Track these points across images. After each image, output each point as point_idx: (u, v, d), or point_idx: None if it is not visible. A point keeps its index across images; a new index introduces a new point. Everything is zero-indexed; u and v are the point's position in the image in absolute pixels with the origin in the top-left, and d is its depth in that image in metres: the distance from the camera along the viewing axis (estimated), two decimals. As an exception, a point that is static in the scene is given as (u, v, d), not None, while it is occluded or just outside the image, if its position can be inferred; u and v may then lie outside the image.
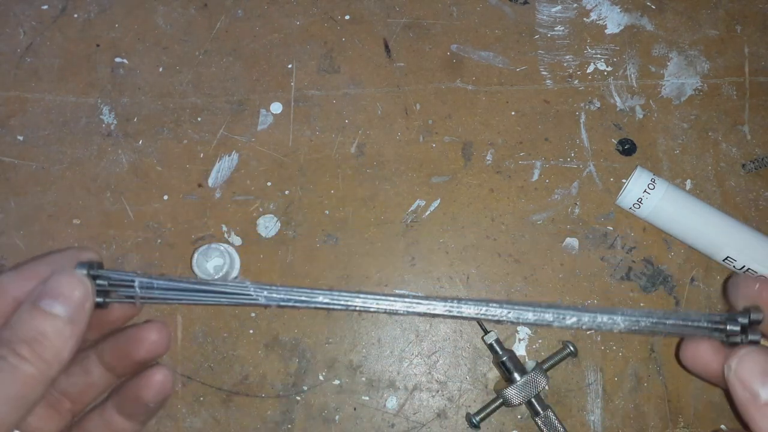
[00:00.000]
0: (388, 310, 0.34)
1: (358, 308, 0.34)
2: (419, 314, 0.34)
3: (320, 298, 0.33)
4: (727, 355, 0.32)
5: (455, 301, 0.34)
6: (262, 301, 0.32)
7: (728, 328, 0.34)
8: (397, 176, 0.54)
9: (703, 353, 0.35)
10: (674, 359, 0.51)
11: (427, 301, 0.34)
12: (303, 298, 0.33)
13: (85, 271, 0.30)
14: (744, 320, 0.33)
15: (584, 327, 0.33)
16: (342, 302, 0.33)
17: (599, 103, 0.56)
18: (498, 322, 0.34)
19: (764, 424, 0.29)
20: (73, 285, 0.28)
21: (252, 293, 0.32)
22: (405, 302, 0.34)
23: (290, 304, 0.33)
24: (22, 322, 0.27)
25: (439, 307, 0.34)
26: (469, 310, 0.34)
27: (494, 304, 0.34)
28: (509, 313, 0.33)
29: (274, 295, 0.33)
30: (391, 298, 0.34)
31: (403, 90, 0.56)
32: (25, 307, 0.27)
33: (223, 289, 0.32)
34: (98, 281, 0.30)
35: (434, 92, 0.56)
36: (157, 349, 0.32)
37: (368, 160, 0.55)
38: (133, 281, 0.31)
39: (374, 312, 0.34)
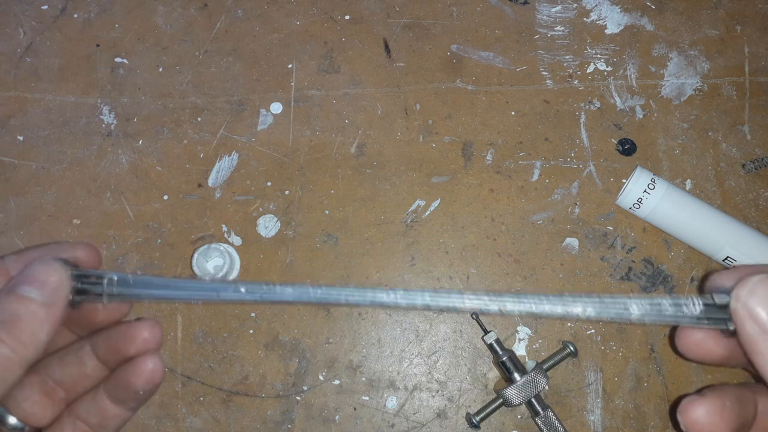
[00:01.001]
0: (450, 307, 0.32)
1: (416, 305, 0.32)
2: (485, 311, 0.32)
3: (381, 296, 0.32)
4: (737, 278, 0.29)
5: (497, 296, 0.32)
6: (235, 296, 0.32)
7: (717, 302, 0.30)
8: (397, 176, 0.54)
9: (701, 339, 0.32)
10: (674, 359, 0.51)
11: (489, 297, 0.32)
12: (362, 297, 0.32)
13: (62, 263, 0.31)
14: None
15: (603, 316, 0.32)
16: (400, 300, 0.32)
17: (599, 103, 0.56)
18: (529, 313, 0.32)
19: None
20: (48, 272, 0.30)
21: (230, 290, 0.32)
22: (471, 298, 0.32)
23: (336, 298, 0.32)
24: (2, 303, 0.28)
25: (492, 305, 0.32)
26: (514, 306, 0.32)
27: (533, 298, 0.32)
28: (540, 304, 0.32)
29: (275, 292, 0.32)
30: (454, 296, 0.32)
31: (403, 90, 0.56)
32: (2, 293, 0.29)
33: (197, 284, 0.33)
34: (75, 283, 0.32)
35: (434, 92, 0.56)
36: (149, 346, 0.33)
37: (368, 160, 0.55)
38: (103, 277, 0.32)
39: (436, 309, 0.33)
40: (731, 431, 0.29)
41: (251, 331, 0.51)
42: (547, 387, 0.50)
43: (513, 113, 0.56)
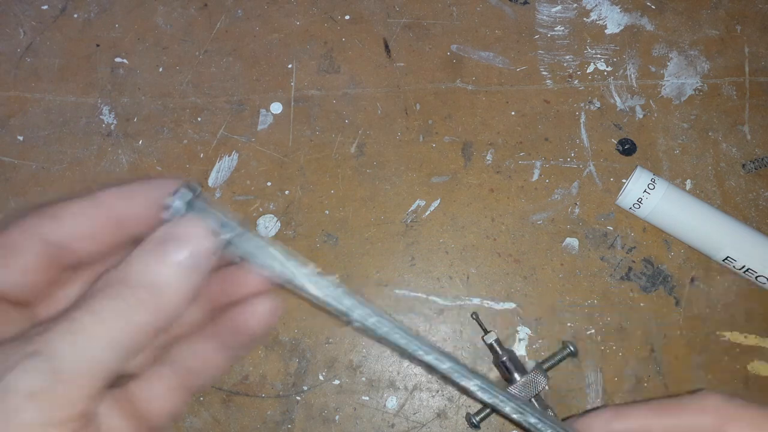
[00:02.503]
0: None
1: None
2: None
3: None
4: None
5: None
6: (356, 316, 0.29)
7: None
8: (397, 176, 0.54)
9: None
10: (674, 359, 0.51)
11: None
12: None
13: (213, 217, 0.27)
14: None
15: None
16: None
17: (599, 103, 0.56)
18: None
19: None
20: (200, 232, 0.26)
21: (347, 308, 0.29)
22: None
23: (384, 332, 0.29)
24: (142, 264, 0.25)
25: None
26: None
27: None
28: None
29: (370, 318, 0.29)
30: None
31: (403, 90, 0.56)
32: (147, 247, 0.25)
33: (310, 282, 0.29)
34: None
35: (434, 92, 0.56)
36: (260, 288, 0.30)
37: (368, 160, 0.55)
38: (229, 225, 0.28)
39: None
40: None
41: (251, 331, 0.51)
42: (547, 387, 0.50)
43: (513, 113, 0.56)
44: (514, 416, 0.32)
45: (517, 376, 0.47)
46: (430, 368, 0.30)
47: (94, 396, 0.22)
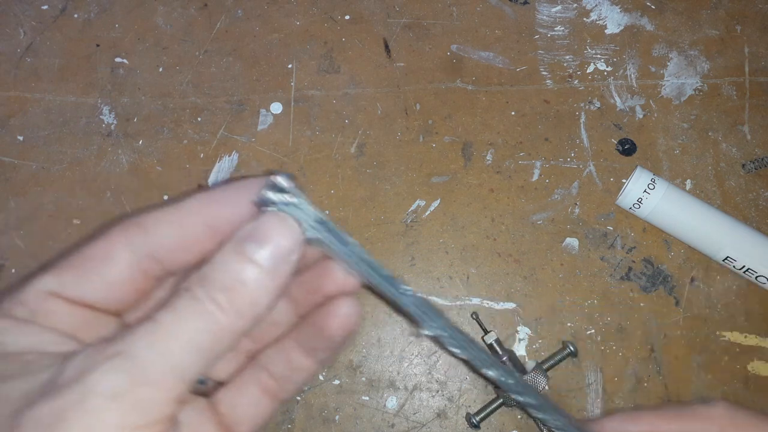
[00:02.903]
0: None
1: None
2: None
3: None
4: None
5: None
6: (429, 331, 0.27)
7: None
8: (397, 176, 0.54)
9: None
10: (674, 359, 0.51)
11: None
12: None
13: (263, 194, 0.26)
14: None
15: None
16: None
17: (599, 103, 0.56)
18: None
19: None
20: (283, 231, 0.25)
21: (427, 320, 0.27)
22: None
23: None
24: (223, 264, 0.24)
25: None
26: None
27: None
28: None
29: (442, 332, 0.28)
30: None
31: (403, 90, 0.56)
32: (229, 247, 0.24)
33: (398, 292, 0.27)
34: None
35: (434, 92, 0.56)
36: (349, 284, 0.29)
37: (368, 160, 0.55)
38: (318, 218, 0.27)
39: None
40: None
41: (251, 331, 0.51)
42: (547, 387, 0.49)
43: (513, 113, 0.56)
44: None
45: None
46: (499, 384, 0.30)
47: (176, 400, 0.21)
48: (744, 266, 0.50)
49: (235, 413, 0.27)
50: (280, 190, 0.26)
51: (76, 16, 0.57)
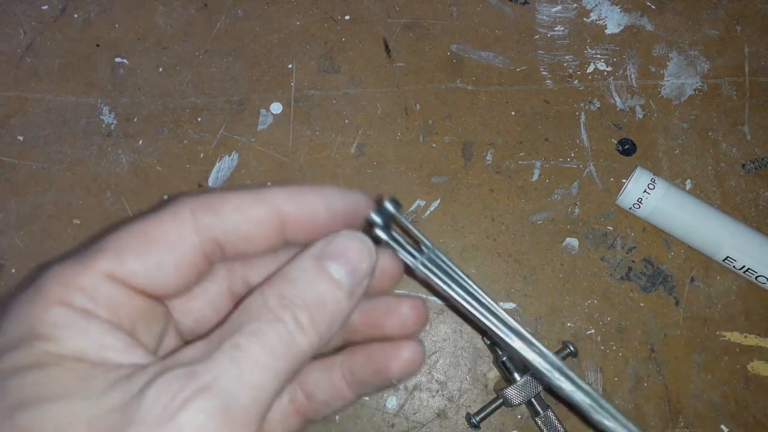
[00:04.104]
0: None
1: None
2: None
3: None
4: None
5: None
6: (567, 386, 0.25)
7: None
8: (397, 176, 0.54)
9: None
10: (674, 359, 0.51)
11: None
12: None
13: (371, 217, 0.25)
14: None
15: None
16: None
17: (599, 103, 0.56)
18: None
19: None
20: (363, 254, 0.24)
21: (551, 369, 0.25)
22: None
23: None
24: (306, 282, 0.23)
25: None
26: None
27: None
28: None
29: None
30: None
31: (403, 90, 0.56)
32: (309, 263, 0.23)
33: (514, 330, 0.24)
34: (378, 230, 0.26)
35: (434, 92, 0.56)
36: (413, 327, 0.27)
37: (368, 160, 0.55)
38: (423, 242, 0.25)
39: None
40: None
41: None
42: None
43: (513, 113, 0.56)
44: None
45: (517, 376, 0.47)
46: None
47: (257, 429, 0.20)
48: (744, 266, 0.50)
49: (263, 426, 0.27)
50: (392, 211, 0.25)
51: (76, 16, 0.57)
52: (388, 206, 0.25)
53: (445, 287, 0.26)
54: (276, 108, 0.56)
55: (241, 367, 0.20)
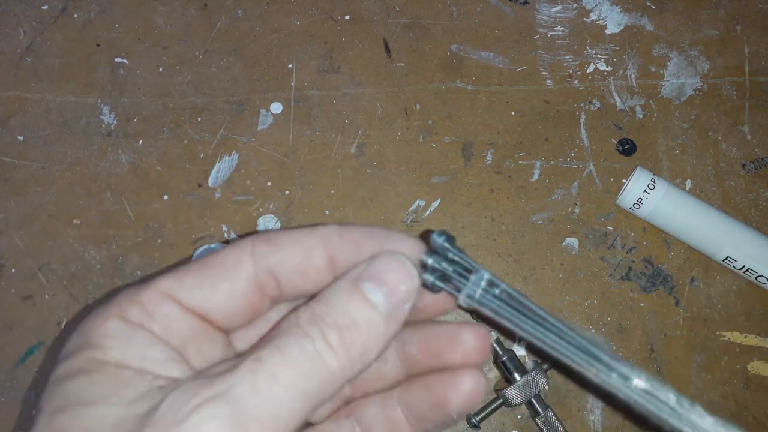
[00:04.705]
0: None
1: None
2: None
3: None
4: None
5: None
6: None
7: None
8: (397, 176, 0.54)
9: None
10: (674, 359, 0.51)
11: None
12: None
13: (424, 258, 0.24)
14: None
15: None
16: None
17: (599, 103, 0.56)
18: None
19: None
20: (401, 275, 0.23)
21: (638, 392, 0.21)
22: None
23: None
24: (338, 301, 0.22)
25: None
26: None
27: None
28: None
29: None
30: None
31: (403, 90, 0.56)
32: (344, 284, 0.23)
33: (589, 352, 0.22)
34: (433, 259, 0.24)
35: (434, 92, 0.56)
36: (476, 357, 0.26)
37: (368, 160, 0.55)
38: (478, 272, 0.24)
39: None
40: None
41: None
42: (547, 387, 0.50)
43: (513, 113, 0.56)
44: None
45: (517, 376, 0.47)
46: None
47: None
48: (744, 266, 0.50)
49: None
50: (446, 245, 0.24)
51: (76, 16, 0.57)
52: (438, 240, 0.24)
53: (511, 322, 0.23)
54: (276, 108, 0.56)
55: (257, 377, 0.20)
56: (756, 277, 0.50)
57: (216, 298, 0.24)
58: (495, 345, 0.49)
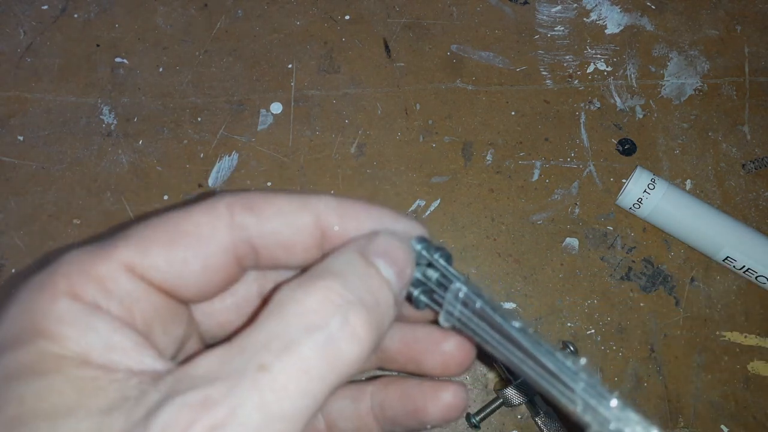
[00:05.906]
0: None
1: None
2: None
3: None
4: None
5: None
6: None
7: None
8: (397, 176, 0.54)
9: None
10: (674, 359, 0.51)
11: None
12: None
13: (419, 247, 0.22)
14: None
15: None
16: None
17: (599, 103, 0.56)
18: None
19: None
20: (408, 258, 0.21)
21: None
22: None
23: None
24: (356, 276, 0.19)
25: None
26: None
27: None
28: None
29: None
30: None
31: (403, 90, 0.56)
32: (355, 255, 0.20)
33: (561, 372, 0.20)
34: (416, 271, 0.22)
35: (434, 92, 0.56)
36: (456, 370, 0.24)
37: (368, 160, 0.55)
38: (454, 284, 0.22)
39: None
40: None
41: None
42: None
43: (513, 113, 0.56)
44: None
45: (517, 375, 0.47)
46: None
47: None
48: (744, 266, 0.50)
49: None
50: (435, 249, 0.22)
51: (76, 16, 0.57)
52: (416, 247, 0.22)
53: (490, 345, 0.21)
54: (276, 108, 0.56)
55: (264, 397, 0.16)
56: (756, 277, 0.50)
57: (186, 271, 0.20)
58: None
